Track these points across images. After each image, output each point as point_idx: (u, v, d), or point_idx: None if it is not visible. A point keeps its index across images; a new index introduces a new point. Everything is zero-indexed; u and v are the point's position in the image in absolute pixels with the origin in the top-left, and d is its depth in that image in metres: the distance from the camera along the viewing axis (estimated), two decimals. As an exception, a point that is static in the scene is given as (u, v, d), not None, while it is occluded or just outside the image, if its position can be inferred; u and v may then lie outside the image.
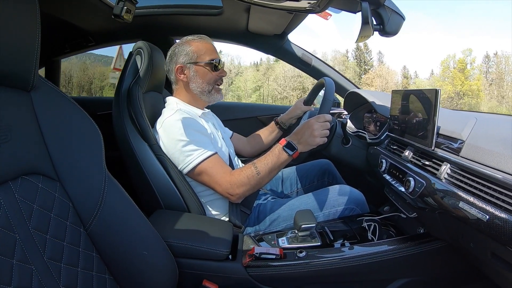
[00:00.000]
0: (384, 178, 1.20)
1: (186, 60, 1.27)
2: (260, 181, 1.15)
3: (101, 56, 37.81)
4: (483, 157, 0.78)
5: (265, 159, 1.16)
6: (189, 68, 1.28)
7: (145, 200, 1.20)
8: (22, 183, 0.63)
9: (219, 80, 1.33)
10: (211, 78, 1.29)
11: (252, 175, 1.14)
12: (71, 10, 1.66)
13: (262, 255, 1.02)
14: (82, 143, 0.77)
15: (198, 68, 1.28)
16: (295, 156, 1.15)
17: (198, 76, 1.28)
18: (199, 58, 1.27)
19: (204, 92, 1.30)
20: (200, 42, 1.29)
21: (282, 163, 1.16)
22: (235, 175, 1.15)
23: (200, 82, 1.29)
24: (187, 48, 1.28)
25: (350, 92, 1.69)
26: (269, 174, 1.16)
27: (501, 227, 0.67)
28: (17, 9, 0.61)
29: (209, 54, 1.28)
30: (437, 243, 1.07)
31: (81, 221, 0.73)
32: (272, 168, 1.15)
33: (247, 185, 1.14)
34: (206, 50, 1.29)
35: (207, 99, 1.33)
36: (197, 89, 1.29)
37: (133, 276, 0.80)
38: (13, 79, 0.65)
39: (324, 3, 0.88)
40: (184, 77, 1.29)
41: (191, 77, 1.28)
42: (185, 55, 1.28)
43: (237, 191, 1.14)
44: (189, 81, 1.29)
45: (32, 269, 0.59)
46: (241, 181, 1.14)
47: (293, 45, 2.02)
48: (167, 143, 1.17)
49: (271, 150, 1.19)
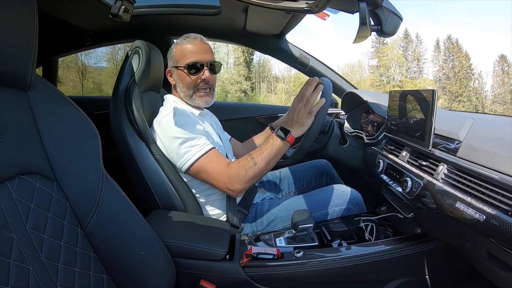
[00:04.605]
0: (381, 178, 1.21)
1: (171, 64, 1.28)
2: (258, 171, 1.12)
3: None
4: (480, 158, 0.78)
5: (261, 149, 1.13)
6: (173, 72, 1.28)
7: (143, 200, 1.20)
8: (19, 182, 0.63)
9: (201, 84, 1.26)
10: (190, 82, 1.25)
11: (249, 166, 1.11)
12: (68, 10, 1.65)
13: (259, 255, 1.02)
14: (80, 142, 0.77)
15: (179, 72, 1.26)
16: (291, 140, 1.12)
17: (180, 80, 1.26)
18: (179, 61, 1.25)
19: (186, 96, 1.28)
20: (184, 45, 1.25)
21: (278, 150, 1.13)
22: (232, 168, 1.12)
23: (181, 87, 1.27)
24: (172, 51, 1.27)
25: (348, 93, 1.69)
26: (266, 164, 1.12)
27: (498, 227, 0.67)
28: (14, 8, 0.61)
29: (189, 57, 1.23)
30: (434, 243, 1.07)
31: (78, 221, 0.73)
32: (269, 157, 1.12)
33: (245, 177, 1.11)
34: (186, 52, 1.24)
35: (191, 103, 1.29)
36: (181, 93, 1.28)
37: (130, 276, 0.80)
38: (11, 78, 0.65)
39: (322, 4, 0.88)
40: (172, 80, 1.30)
41: (176, 81, 1.28)
42: (171, 58, 1.28)
43: (236, 185, 1.11)
44: (176, 85, 1.29)
45: (29, 269, 0.59)
46: (238, 174, 1.11)
47: (291, 45, 2.02)
48: (164, 141, 1.16)
49: (266, 139, 1.16)
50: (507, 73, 29.67)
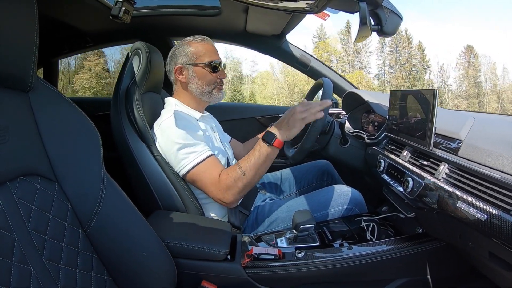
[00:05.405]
0: (383, 178, 1.20)
1: (185, 61, 1.27)
2: (248, 181, 1.10)
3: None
4: (481, 157, 0.78)
5: (248, 157, 1.12)
6: (187, 69, 1.27)
7: (144, 201, 1.20)
8: (20, 184, 0.63)
9: (220, 82, 1.32)
10: (211, 79, 1.28)
11: (238, 177, 1.09)
12: (69, 11, 1.65)
13: (260, 256, 1.02)
14: (80, 143, 0.77)
15: (197, 69, 1.27)
16: (277, 144, 1.09)
17: (197, 77, 1.27)
18: (198, 59, 1.26)
19: (204, 93, 1.29)
20: (200, 43, 1.28)
21: (267, 157, 1.10)
22: (222, 180, 1.11)
23: (199, 83, 1.28)
24: (186, 49, 1.27)
25: (348, 93, 1.69)
26: (255, 172, 1.10)
27: (499, 226, 0.67)
28: (15, 10, 0.61)
29: (209, 56, 1.27)
30: (435, 243, 1.07)
31: (79, 222, 0.73)
32: (257, 165, 1.10)
33: (235, 188, 1.10)
34: (206, 51, 1.28)
35: (208, 99, 1.32)
36: (196, 90, 1.28)
37: (131, 277, 0.80)
38: (11, 80, 0.65)
39: (322, 4, 0.88)
40: (183, 77, 1.29)
41: (189, 78, 1.28)
42: (184, 55, 1.27)
43: (227, 197, 1.11)
44: (188, 82, 1.28)
45: (31, 270, 0.59)
46: (228, 186, 1.10)
47: (291, 45, 2.02)
48: (163, 145, 1.17)
49: (254, 146, 1.15)
50: (474, 65, 28.87)
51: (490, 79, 29.57)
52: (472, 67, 28.90)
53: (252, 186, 1.15)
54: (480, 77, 29.47)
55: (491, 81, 29.62)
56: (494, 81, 29.56)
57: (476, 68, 28.94)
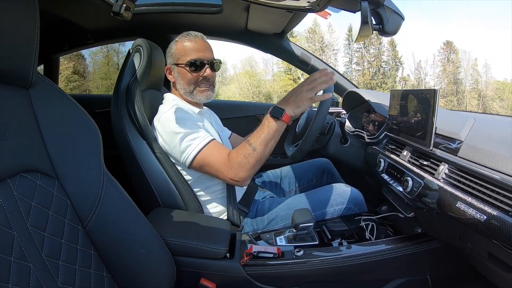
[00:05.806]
0: (382, 177, 1.20)
1: (171, 61, 1.28)
2: (259, 156, 1.10)
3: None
4: (481, 158, 0.78)
5: (257, 133, 1.11)
6: (173, 69, 1.28)
7: (144, 198, 1.20)
8: (20, 180, 0.63)
9: (203, 81, 1.27)
10: (191, 79, 1.25)
11: (249, 153, 1.09)
12: (70, 8, 1.65)
13: (260, 254, 1.02)
14: (81, 140, 0.77)
15: (179, 69, 1.26)
16: (286, 119, 1.08)
17: (180, 77, 1.26)
18: (180, 59, 1.25)
19: (187, 93, 1.27)
20: (185, 42, 1.26)
21: (276, 131, 1.10)
22: (233, 159, 1.10)
23: (182, 83, 1.26)
24: (172, 48, 1.27)
25: (349, 92, 1.69)
26: (265, 147, 1.10)
27: (498, 227, 0.67)
28: (16, 6, 0.61)
29: (190, 54, 1.24)
30: (434, 243, 1.07)
31: (79, 219, 0.73)
32: (267, 140, 1.09)
33: (247, 164, 1.09)
34: (188, 50, 1.24)
35: (192, 99, 1.30)
36: (182, 90, 1.28)
37: (130, 274, 0.80)
38: (12, 76, 0.65)
39: (323, 3, 0.88)
40: (171, 78, 1.29)
41: (176, 78, 1.28)
42: (170, 56, 1.28)
43: (239, 175, 1.10)
44: (176, 82, 1.28)
45: (30, 267, 0.59)
46: (239, 163, 1.09)
47: (292, 44, 2.02)
48: (166, 138, 1.16)
49: (261, 122, 1.14)
50: (453, 62, 28.03)
51: (471, 75, 28.88)
52: (451, 63, 28.48)
53: (263, 163, 1.13)
54: (460, 73, 28.90)
55: (472, 78, 28.92)
56: (475, 78, 28.83)
57: (456, 65, 28.50)
